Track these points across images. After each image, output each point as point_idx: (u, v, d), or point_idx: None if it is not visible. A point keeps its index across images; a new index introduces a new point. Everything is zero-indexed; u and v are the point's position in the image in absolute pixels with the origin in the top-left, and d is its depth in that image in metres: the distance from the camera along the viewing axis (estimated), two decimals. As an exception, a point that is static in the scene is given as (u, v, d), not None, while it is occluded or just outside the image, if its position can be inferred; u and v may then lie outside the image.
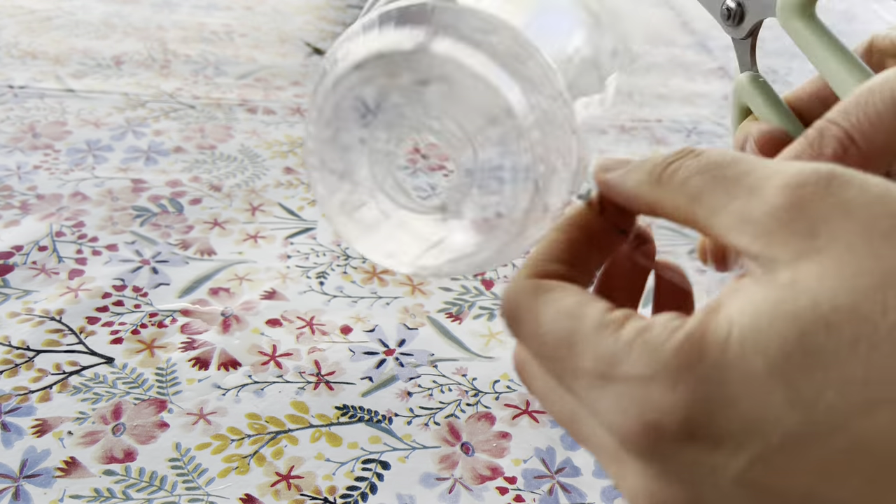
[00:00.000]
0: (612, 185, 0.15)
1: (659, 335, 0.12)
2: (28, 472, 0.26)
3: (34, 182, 0.44)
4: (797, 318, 0.11)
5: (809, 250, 0.11)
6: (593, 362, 0.12)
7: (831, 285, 0.11)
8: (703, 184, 0.13)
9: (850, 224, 0.11)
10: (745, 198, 0.12)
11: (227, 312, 0.35)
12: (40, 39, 0.63)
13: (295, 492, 0.27)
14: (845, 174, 0.12)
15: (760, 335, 0.11)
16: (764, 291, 0.11)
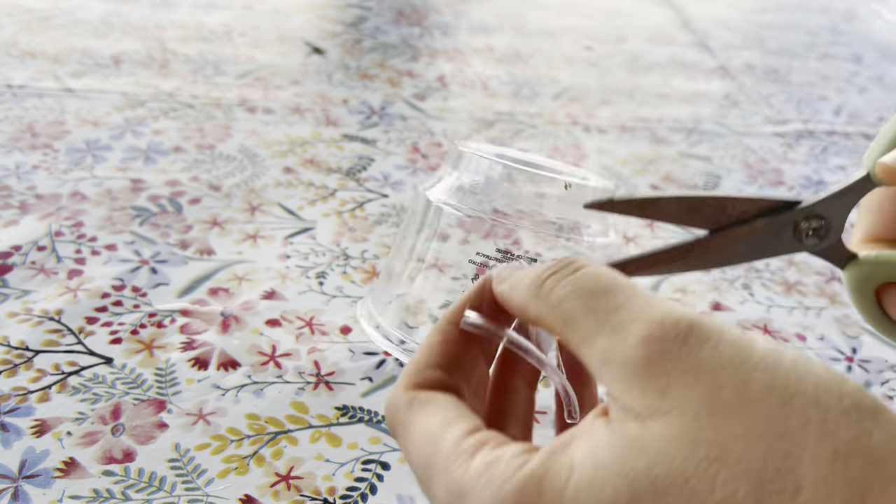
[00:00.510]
0: (505, 299, 0.16)
1: (503, 472, 0.12)
2: (27, 473, 0.26)
3: (33, 182, 0.44)
4: (632, 480, 0.11)
5: (658, 410, 0.12)
6: (445, 493, 0.13)
7: (669, 451, 0.11)
8: (575, 310, 0.14)
9: (696, 391, 0.12)
10: (610, 337, 0.13)
11: (227, 312, 0.35)
12: (39, 39, 0.63)
13: (294, 492, 0.27)
14: (702, 331, 0.12)
15: (595, 489, 0.11)
16: (610, 441, 0.12)
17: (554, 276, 0.14)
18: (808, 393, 0.11)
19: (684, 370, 0.12)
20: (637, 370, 0.12)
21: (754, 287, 0.42)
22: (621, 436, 0.12)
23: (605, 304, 0.13)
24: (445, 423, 0.14)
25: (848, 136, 0.65)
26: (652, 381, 0.12)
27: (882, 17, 0.99)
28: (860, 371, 0.37)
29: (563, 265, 0.15)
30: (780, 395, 0.11)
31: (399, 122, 0.57)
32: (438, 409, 0.15)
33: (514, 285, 0.16)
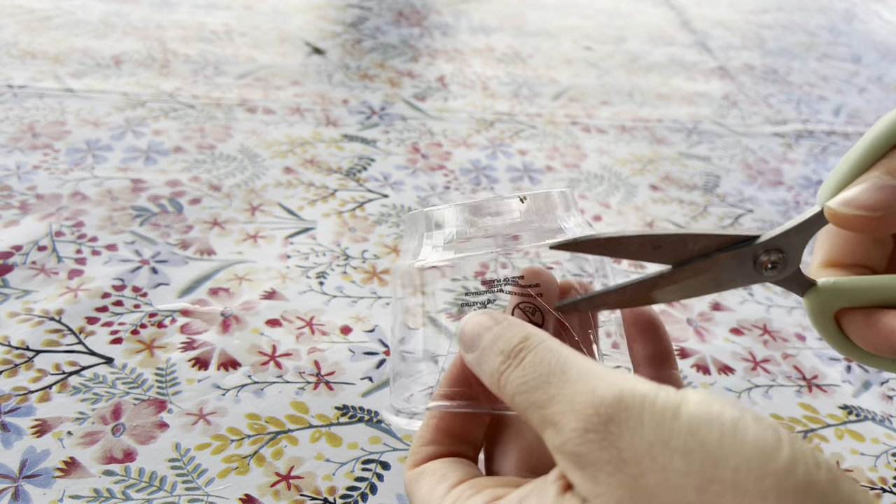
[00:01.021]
0: (475, 374, 0.18)
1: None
2: (28, 473, 0.26)
3: (34, 182, 0.44)
4: None
5: (591, 494, 0.13)
6: None
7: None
8: (525, 404, 0.15)
9: (619, 480, 0.13)
10: (552, 431, 0.14)
11: (227, 312, 0.35)
12: (40, 39, 0.63)
13: (295, 492, 0.27)
14: (621, 417, 0.13)
15: None
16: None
17: (507, 369, 0.16)
18: (726, 479, 0.12)
19: (608, 461, 0.13)
20: (576, 460, 0.13)
21: (754, 287, 0.42)
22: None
23: (544, 398, 0.15)
24: (431, 487, 0.17)
25: (847, 136, 0.65)
26: (588, 469, 0.13)
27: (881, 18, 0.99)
28: (860, 371, 0.37)
29: (513, 353, 0.16)
30: (698, 484, 0.12)
31: (399, 122, 0.57)
32: (426, 476, 0.17)
33: (480, 370, 0.17)
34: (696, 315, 0.39)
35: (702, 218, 0.49)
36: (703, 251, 0.19)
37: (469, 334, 0.18)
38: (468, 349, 0.18)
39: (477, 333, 0.17)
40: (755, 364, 0.36)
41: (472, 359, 0.17)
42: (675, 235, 0.18)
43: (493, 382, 0.16)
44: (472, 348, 0.17)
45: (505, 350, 0.16)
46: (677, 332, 0.38)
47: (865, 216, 0.16)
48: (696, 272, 0.19)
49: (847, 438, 0.32)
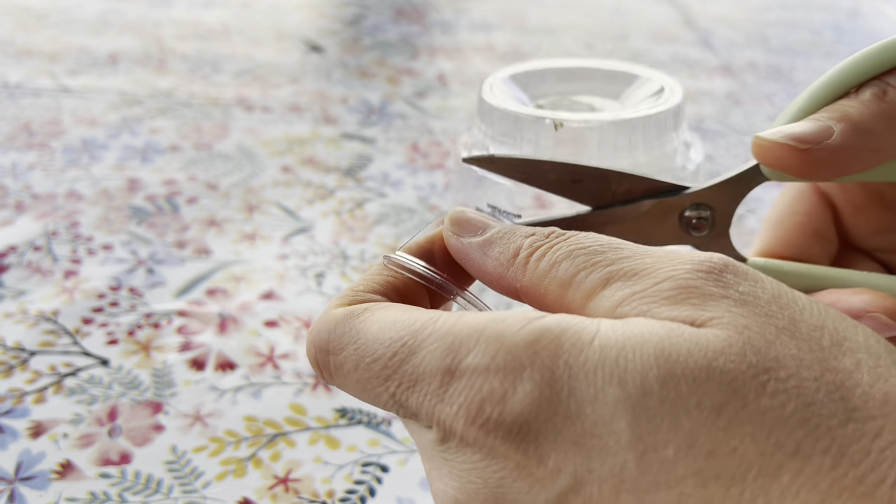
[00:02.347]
0: (467, 260, 0.14)
1: (512, 325, 0.11)
2: (23, 475, 0.26)
3: (29, 181, 0.43)
4: (667, 360, 0.10)
5: (700, 320, 0.10)
6: (439, 355, 0.11)
7: (714, 347, 0.10)
8: (576, 268, 0.12)
9: (745, 315, 0.10)
10: (626, 283, 0.11)
11: (224, 313, 0.35)
12: (35, 37, 0.63)
13: (293, 495, 0.27)
14: (738, 270, 0.11)
15: (623, 356, 0.10)
16: (646, 321, 0.11)
17: (543, 245, 0.13)
18: (858, 340, 0.11)
19: (725, 297, 0.11)
20: (681, 294, 0.11)
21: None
22: (661, 322, 0.10)
23: (613, 257, 0.12)
24: (413, 308, 0.12)
25: (850, 134, 0.65)
26: (701, 299, 0.11)
27: (886, 16, 0.98)
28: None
29: (550, 233, 0.13)
30: (832, 336, 0.10)
31: (398, 120, 0.56)
32: (387, 306, 0.13)
33: (484, 250, 0.14)
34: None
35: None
36: (627, 195, 0.17)
37: (472, 218, 0.14)
38: (467, 232, 0.14)
39: (484, 220, 0.14)
40: (757, 365, 0.36)
41: (477, 241, 0.14)
42: (598, 170, 0.16)
43: (507, 262, 0.13)
44: (476, 231, 0.14)
45: (538, 232, 0.13)
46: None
47: (790, 146, 0.15)
48: (616, 218, 0.17)
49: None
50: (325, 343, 0.13)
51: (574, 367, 0.10)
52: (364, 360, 0.12)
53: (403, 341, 0.12)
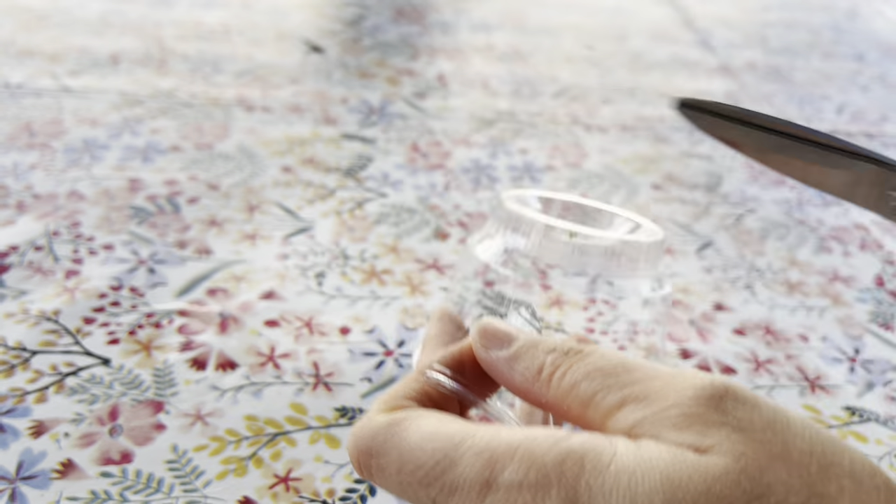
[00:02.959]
0: (496, 373, 0.16)
1: (542, 444, 0.12)
2: (24, 474, 0.26)
3: (30, 181, 0.43)
4: (672, 484, 0.11)
5: (703, 444, 0.12)
6: (477, 468, 0.12)
7: (713, 473, 0.11)
8: (594, 389, 0.14)
9: (741, 442, 0.12)
10: (638, 405, 0.13)
11: (225, 313, 0.35)
12: (36, 37, 0.63)
13: (293, 494, 0.27)
14: (738, 394, 0.12)
15: (635, 480, 0.11)
16: (655, 446, 0.12)
17: (563, 363, 0.14)
18: (843, 465, 0.12)
19: (725, 424, 0.12)
20: (684, 421, 0.12)
21: (756, 287, 0.42)
22: (666, 448, 0.12)
23: (626, 379, 0.13)
24: (450, 419, 0.14)
25: (850, 135, 0.65)
26: (703, 426, 0.12)
27: (884, 16, 0.98)
28: (863, 372, 0.36)
29: (568, 350, 0.14)
30: (820, 461, 0.12)
31: (399, 121, 0.56)
32: (426, 415, 0.14)
33: (511, 363, 0.15)
34: (699, 315, 0.39)
35: (704, 217, 0.49)
36: (846, 150, 0.18)
37: (498, 330, 0.16)
38: (495, 346, 0.16)
39: (509, 332, 0.16)
40: (758, 365, 0.36)
41: (504, 355, 0.15)
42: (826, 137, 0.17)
43: (532, 378, 0.15)
44: (503, 345, 0.16)
45: (558, 349, 0.15)
46: (679, 332, 0.38)
47: None
48: (830, 162, 0.17)
49: (850, 440, 0.32)
50: (368, 447, 0.14)
51: (594, 488, 0.12)
52: (407, 467, 0.13)
53: (444, 452, 0.13)
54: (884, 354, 0.38)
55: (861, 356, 0.37)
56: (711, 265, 0.43)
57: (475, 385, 0.16)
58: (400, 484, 0.14)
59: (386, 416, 0.14)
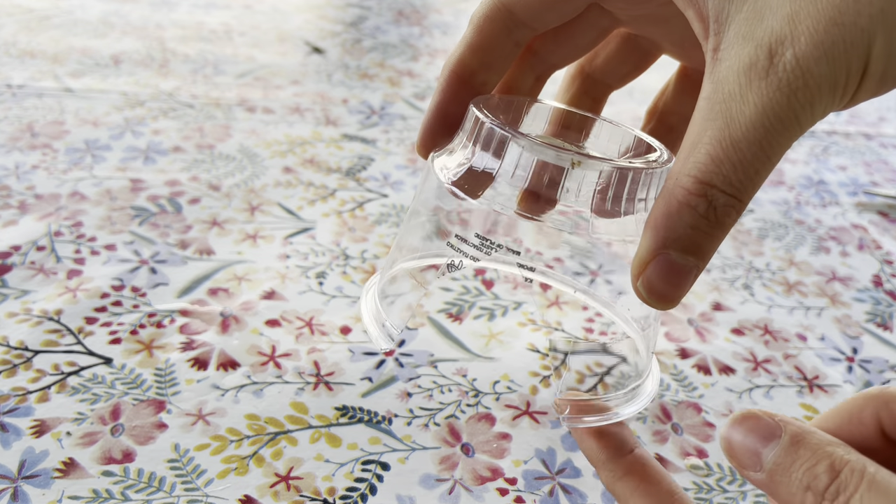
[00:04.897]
0: (766, 490, 0.14)
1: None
2: (26, 473, 0.26)
3: (32, 182, 0.44)
4: None
5: None
6: None
7: None
8: None
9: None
10: None
11: (226, 313, 0.35)
12: (38, 38, 0.63)
13: (294, 493, 0.27)
14: None
15: None
16: None
17: (831, 492, 0.13)
18: None
19: None
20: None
21: (755, 287, 0.42)
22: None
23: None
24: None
25: (848, 135, 0.65)
26: None
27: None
28: (861, 371, 0.36)
29: (826, 494, 0.13)
30: None
31: (399, 121, 0.57)
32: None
33: (777, 496, 0.14)
34: (697, 315, 0.39)
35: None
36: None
37: (742, 450, 0.15)
38: (747, 467, 0.15)
39: (752, 450, 0.14)
40: (756, 364, 0.36)
41: (760, 481, 0.14)
42: None
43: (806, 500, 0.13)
44: (754, 466, 0.14)
45: (814, 487, 0.13)
46: (678, 332, 0.38)
47: None
48: None
49: (848, 439, 0.32)
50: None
51: None
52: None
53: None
54: (881, 354, 0.38)
55: (859, 356, 0.38)
56: (710, 265, 0.44)
57: None
58: None
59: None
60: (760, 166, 0.13)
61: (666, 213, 0.14)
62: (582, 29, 0.19)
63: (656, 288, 0.14)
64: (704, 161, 0.14)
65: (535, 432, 0.30)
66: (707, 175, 0.14)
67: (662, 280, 0.14)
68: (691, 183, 0.14)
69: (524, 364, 0.33)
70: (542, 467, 0.29)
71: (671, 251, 0.14)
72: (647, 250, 0.14)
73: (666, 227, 0.14)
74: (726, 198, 0.14)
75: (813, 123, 0.14)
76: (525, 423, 0.31)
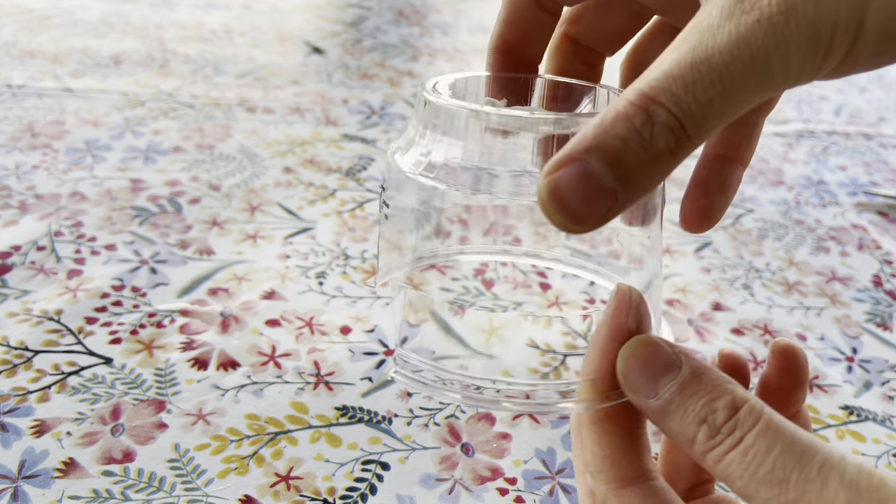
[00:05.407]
0: (652, 418, 0.14)
1: None
2: (27, 473, 0.26)
3: (32, 182, 0.44)
4: None
5: None
6: None
7: None
8: (744, 491, 0.12)
9: None
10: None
11: (226, 313, 0.35)
12: (39, 38, 0.63)
13: (294, 493, 0.27)
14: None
15: None
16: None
17: (717, 447, 0.13)
18: None
19: None
20: None
21: (755, 287, 0.42)
22: None
23: (782, 500, 0.12)
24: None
25: (848, 135, 0.65)
26: None
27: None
28: (860, 371, 0.37)
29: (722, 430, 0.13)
30: None
31: (399, 121, 0.57)
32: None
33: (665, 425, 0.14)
34: (697, 315, 0.39)
35: (702, 218, 0.49)
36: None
37: (636, 375, 0.14)
38: (638, 393, 0.14)
39: (649, 376, 0.14)
40: (756, 364, 0.36)
41: (653, 407, 0.14)
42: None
43: (689, 450, 0.13)
44: (648, 394, 0.14)
45: (710, 421, 0.13)
46: (678, 332, 0.38)
47: None
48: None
49: (848, 439, 0.32)
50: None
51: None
52: None
53: None
54: (881, 354, 0.38)
55: (858, 356, 0.38)
56: (710, 265, 0.44)
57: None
58: None
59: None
60: (716, 96, 0.12)
61: (600, 121, 0.12)
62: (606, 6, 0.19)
63: (563, 195, 0.12)
64: (657, 77, 0.12)
65: (535, 432, 0.30)
66: (654, 90, 0.12)
67: (572, 188, 0.12)
68: (635, 95, 0.12)
69: (524, 360, 0.33)
70: (542, 467, 0.29)
71: (591, 158, 0.12)
72: (565, 152, 0.12)
73: (595, 134, 0.12)
74: (668, 116, 0.12)
75: (785, 81, 0.12)
76: (525, 422, 0.31)
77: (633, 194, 0.12)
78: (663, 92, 0.12)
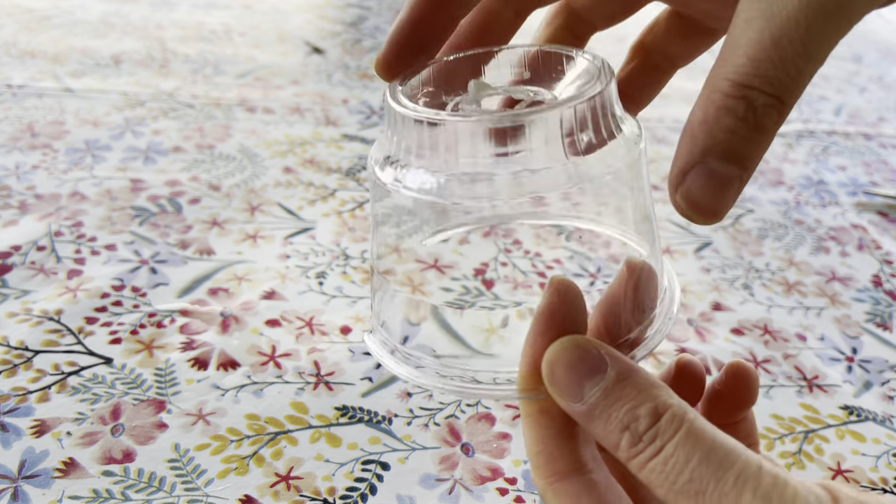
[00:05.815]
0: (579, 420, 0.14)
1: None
2: (27, 473, 0.26)
3: (32, 182, 0.44)
4: None
5: None
6: None
7: None
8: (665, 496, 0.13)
9: None
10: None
11: (227, 313, 0.35)
12: (39, 38, 0.63)
13: (294, 493, 0.27)
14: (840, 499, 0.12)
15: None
16: None
17: (639, 455, 0.13)
18: None
19: None
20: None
21: (754, 287, 0.42)
22: None
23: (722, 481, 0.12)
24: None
25: (848, 135, 0.65)
26: None
27: (882, 17, 0.99)
28: (860, 371, 0.37)
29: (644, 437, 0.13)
30: None
31: (399, 121, 0.56)
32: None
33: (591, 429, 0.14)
34: (697, 315, 0.39)
35: (702, 218, 0.49)
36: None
37: (563, 380, 0.14)
38: (564, 397, 0.14)
39: (574, 381, 0.14)
40: (756, 364, 0.36)
41: (578, 412, 0.14)
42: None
43: (615, 454, 0.14)
44: (573, 398, 0.14)
45: (632, 429, 0.13)
46: (678, 332, 0.38)
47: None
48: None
49: (848, 439, 0.32)
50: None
51: None
52: None
53: None
54: (881, 354, 0.38)
55: (858, 356, 0.38)
56: (710, 265, 0.44)
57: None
58: None
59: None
60: (803, 64, 0.12)
61: (703, 119, 0.13)
62: None
63: (697, 200, 0.13)
64: (743, 62, 0.12)
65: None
66: (745, 77, 0.12)
67: (703, 191, 0.13)
68: (729, 86, 0.13)
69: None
70: (541, 467, 0.29)
71: (710, 159, 0.13)
72: (684, 160, 0.13)
73: (703, 133, 0.13)
74: (766, 97, 0.12)
75: (859, 15, 0.12)
76: (525, 422, 0.31)
77: (752, 170, 0.13)
78: (755, 77, 0.12)
